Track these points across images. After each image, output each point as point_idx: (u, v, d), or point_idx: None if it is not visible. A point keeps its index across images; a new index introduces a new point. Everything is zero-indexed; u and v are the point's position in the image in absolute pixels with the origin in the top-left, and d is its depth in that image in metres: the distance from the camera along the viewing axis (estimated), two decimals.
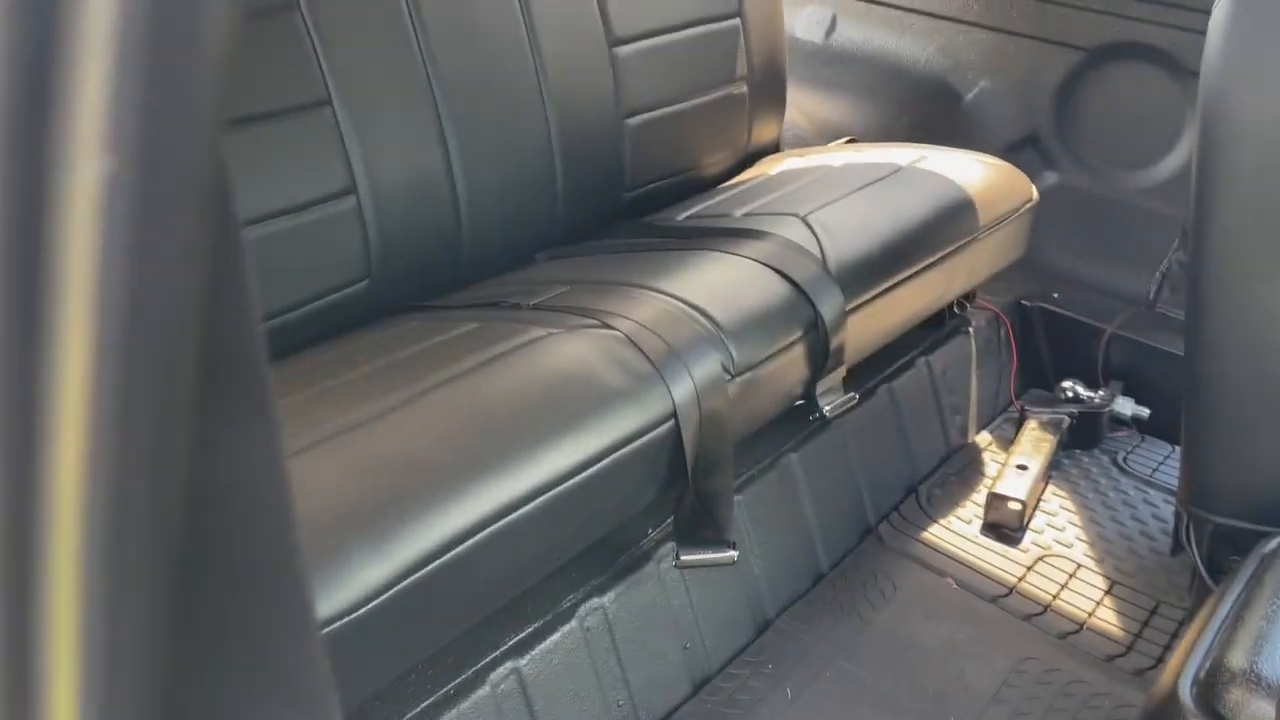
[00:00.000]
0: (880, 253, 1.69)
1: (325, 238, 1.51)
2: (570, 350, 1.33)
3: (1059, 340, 2.34)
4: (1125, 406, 2.20)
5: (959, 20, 2.50)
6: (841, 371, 1.65)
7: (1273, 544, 1.26)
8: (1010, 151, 2.47)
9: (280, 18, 1.45)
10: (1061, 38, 2.33)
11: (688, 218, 1.91)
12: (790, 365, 1.54)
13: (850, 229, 1.71)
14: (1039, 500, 2.02)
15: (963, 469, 2.11)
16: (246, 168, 1.41)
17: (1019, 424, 2.18)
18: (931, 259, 1.78)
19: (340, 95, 1.50)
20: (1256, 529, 1.38)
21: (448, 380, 1.25)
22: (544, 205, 1.82)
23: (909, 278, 1.75)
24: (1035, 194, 2.06)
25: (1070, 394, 2.24)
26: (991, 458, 2.15)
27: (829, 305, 1.57)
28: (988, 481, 2.04)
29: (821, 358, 1.58)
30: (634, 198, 2.00)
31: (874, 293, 1.67)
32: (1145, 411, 2.20)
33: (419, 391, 1.23)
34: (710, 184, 2.16)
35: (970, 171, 1.97)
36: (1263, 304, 1.27)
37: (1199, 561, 1.49)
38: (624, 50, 1.91)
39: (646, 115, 1.97)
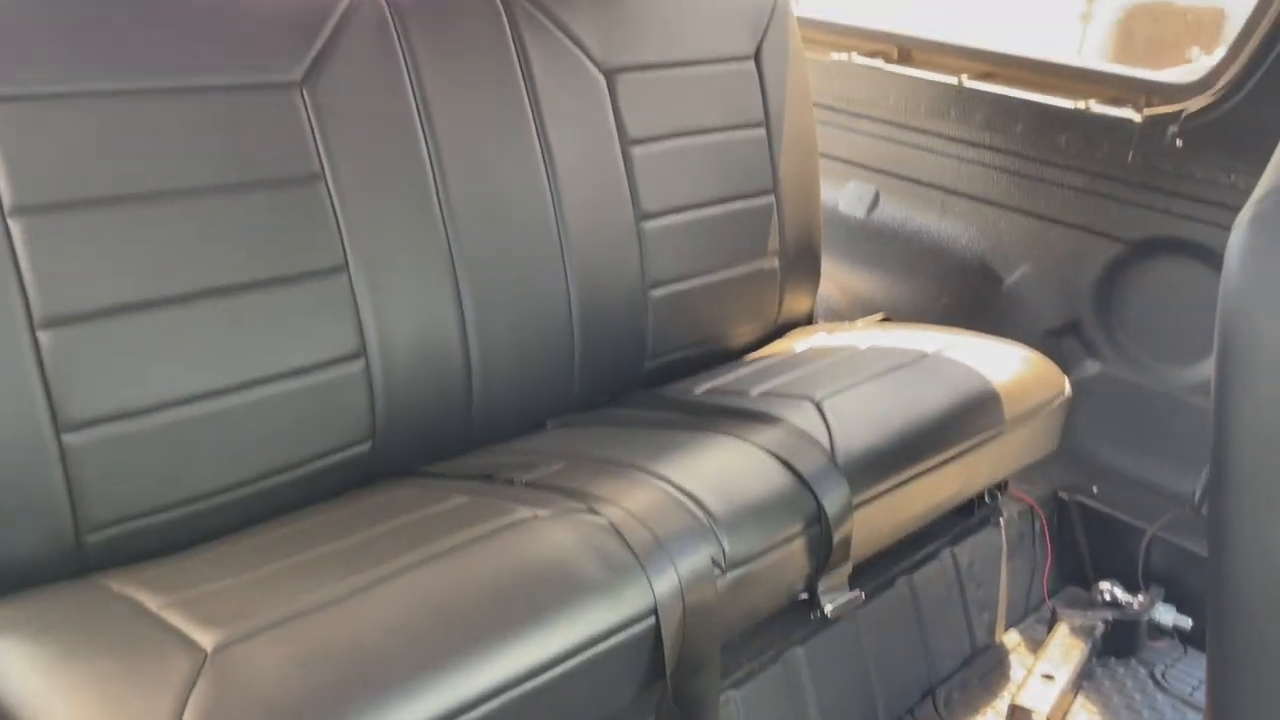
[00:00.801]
0: (893, 445, 1.64)
1: (330, 399, 1.52)
2: (551, 536, 1.29)
3: (1098, 538, 2.23)
4: (1166, 615, 2.07)
5: (1001, 205, 2.49)
6: (847, 568, 1.58)
7: None
8: (1051, 338, 2.42)
9: (307, 187, 1.49)
10: (1103, 228, 2.31)
11: (704, 392, 1.88)
12: (789, 560, 1.48)
13: (863, 418, 1.67)
14: (1066, 714, 1.89)
15: (987, 672, 1.99)
16: (256, 329, 1.43)
17: (1050, 625, 2.06)
18: (950, 453, 1.72)
19: (357, 261, 1.53)
20: None
21: (420, 562, 1.22)
22: (559, 372, 1.82)
23: (925, 471, 1.69)
24: (1068, 388, 2.00)
25: (1108, 597, 2.12)
26: (1019, 661, 2.03)
27: (833, 498, 1.51)
28: (1013, 687, 1.92)
29: (824, 553, 1.51)
30: (655, 367, 1.99)
31: (885, 486, 1.62)
32: (1188, 622, 2.06)
33: (389, 573, 1.20)
34: (737, 354, 2.15)
35: (999, 361, 1.93)
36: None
37: None
38: (651, 224, 1.93)
39: (672, 287, 1.97)
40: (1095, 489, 2.26)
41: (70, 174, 1.29)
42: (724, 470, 1.51)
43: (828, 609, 1.54)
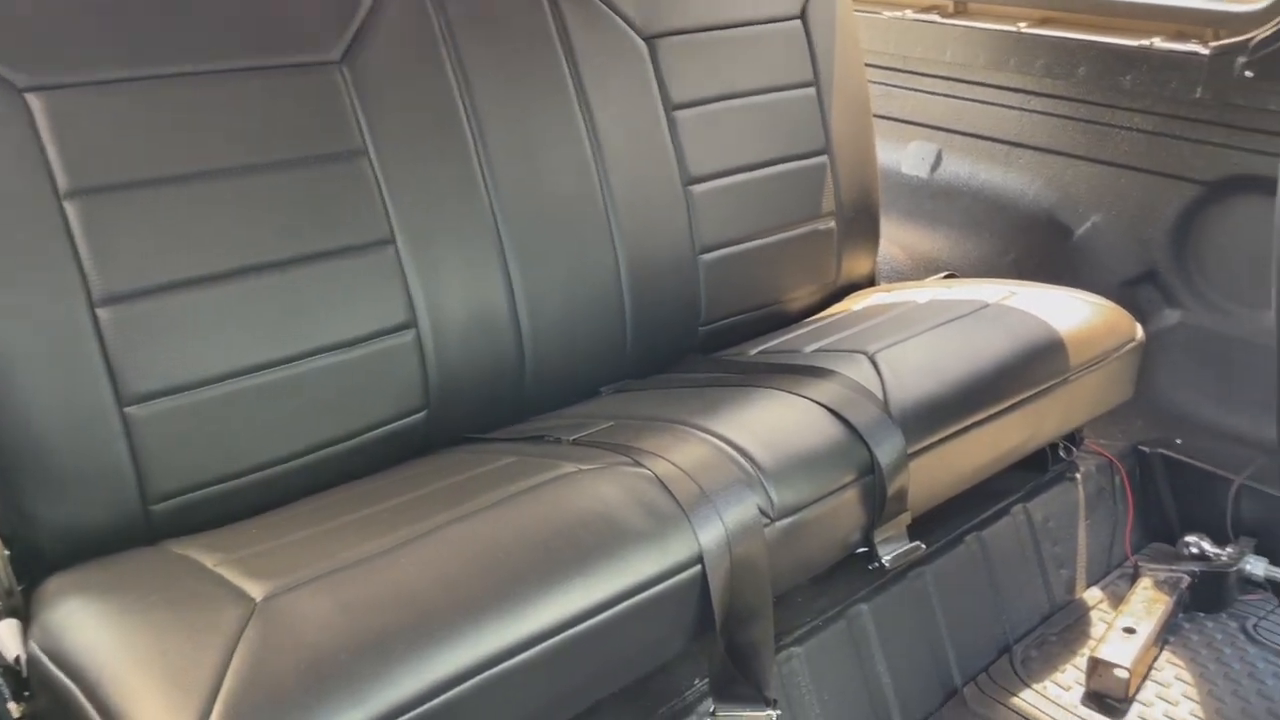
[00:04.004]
0: (949, 394, 1.61)
1: (383, 370, 1.55)
2: (595, 488, 1.30)
3: (1183, 491, 2.15)
4: (1257, 567, 1.98)
5: (1068, 154, 2.41)
6: (905, 518, 1.55)
7: None
8: (1127, 288, 2.34)
9: (349, 163, 1.53)
10: (1175, 171, 2.22)
11: (759, 353, 1.87)
12: (842, 510, 1.46)
13: (918, 368, 1.63)
14: (1150, 668, 1.82)
15: (1065, 629, 1.93)
16: (306, 302, 1.47)
17: (1133, 581, 1.99)
18: (1011, 401, 1.68)
19: (404, 234, 1.56)
20: None
21: (465, 516, 1.24)
22: (611, 340, 1.82)
23: (985, 420, 1.65)
24: (1140, 333, 1.93)
25: (1195, 550, 2.04)
26: (1100, 618, 1.97)
27: (887, 449, 1.49)
28: (1093, 644, 1.86)
29: (879, 503, 1.49)
30: (710, 331, 1.98)
31: (942, 435, 1.58)
32: None
33: (434, 526, 1.22)
34: (796, 318, 2.12)
35: (1064, 309, 1.87)
36: None
37: None
38: (699, 189, 1.92)
39: (723, 251, 1.96)
40: (1178, 441, 2.17)
41: (119, 157, 1.34)
42: (772, 423, 1.49)
43: (886, 560, 1.52)
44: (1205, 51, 2.10)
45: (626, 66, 1.85)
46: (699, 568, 1.27)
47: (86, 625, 1.13)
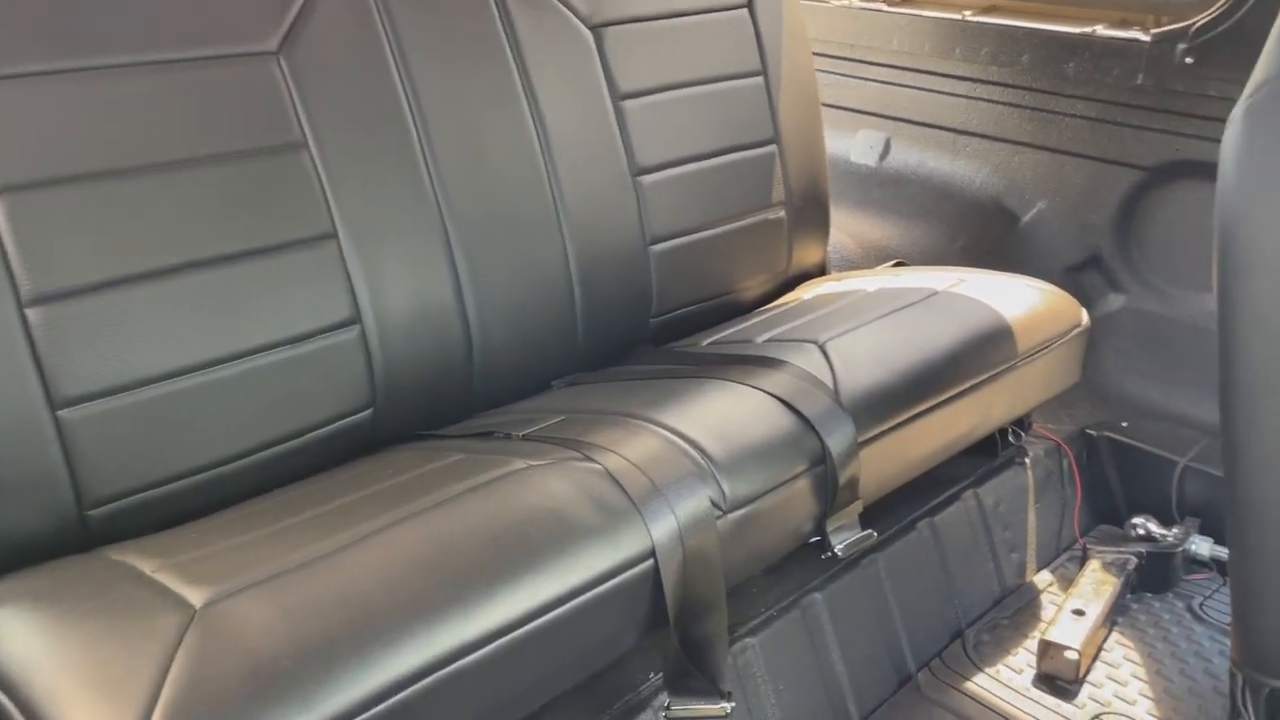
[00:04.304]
0: (899, 382, 1.61)
1: (327, 367, 1.52)
2: (544, 484, 1.28)
3: (1129, 473, 2.18)
4: (1202, 547, 2.01)
5: (1014, 141, 2.44)
6: (857, 507, 1.55)
7: None
8: (1073, 273, 2.37)
9: (289, 156, 1.49)
10: (1118, 157, 2.25)
11: (711, 344, 1.86)
12: (794, 500, 1.46)
13: (868, 357, 1.64)
14: (1099, 649, 1.85)
15: (1017, 612, 1.95)
16: (246, 300, 1.44)
17: (1082, 564, 2.02)
18: (960, 387, 1.69)
19: (346, 228, 1.53)
20: None
21: (411, 515, 1.22)
22: (561, 333, 1.80)
23: (935, 407, 1.65)
24: (1085, 318, 1.95)
25: (1141, 531, 2.07)
26: (1051, 600, 1.99)
27: (838, 438, 1.49)
28: (1044, 627, 1.88)
29: (831, 492, 1.49)
30: (661, 323, 1.97)
31: (892, 423, 1.59)
32: (1225, 552, 2.01)
33: (379, 527, 1.19)
34: (748, 308, 2.12)
35: (1011, 295, 1.88)
36: None
37: None
38: (648, 179, 1.91)
39: (674, 242, 1.95)
40: (1124, 424, 2.20)
41: (50, 152, 1.30)
42: (724, 415, 1.49)
43: (838, 548, 1.52)
44: (1146, 38, 2.12)
45: (572, 56, 1.83)
46: (651, 562, 1.26)
47: (18, 636, 1.09)
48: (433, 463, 1.39)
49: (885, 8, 2.57)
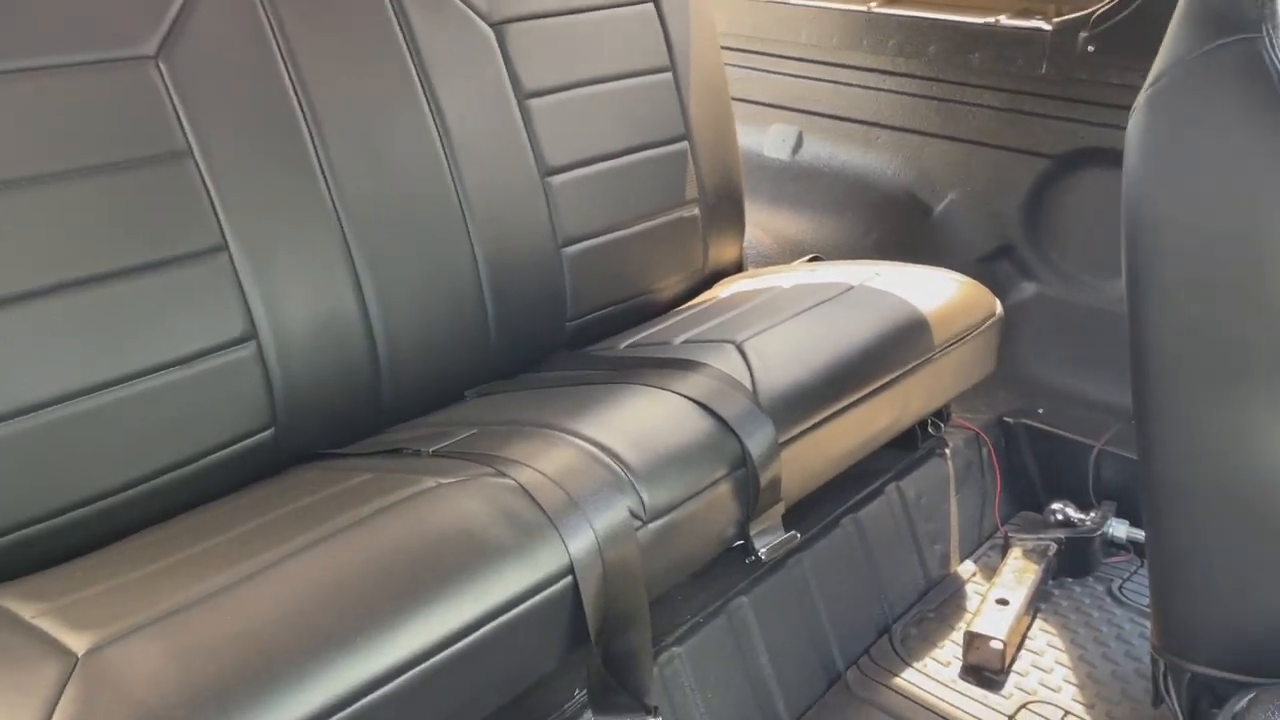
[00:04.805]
0: (817, 380, 1.59)
1: (223, 387, 1.44)
2: (455, 503, 1.23)
3: (1046, 459, 2.20)
4: (1119, 529, 2.04)
5: (924, 132, 2.45)
6: (780, 508, 1.53)
7: (1245, 700, 1.11)
8: (985, 263, 2.39)
9: (172, 166, 1.41)
10: (1025, 146, 2.27)
11: (628, 346, 1.82)
12: (716, 505, 1.42)
13: (786, 356, 1.61)
14: (1024, 638, 1.85)
15: (942, 604, 1.95)
16: (132, 319, 1.35)
17: (1004, 552, 2.03)
18: (879, 383, 1.68)
19: (237, 240, 1.45)
20: (1235, 679, 1.22)
21: (313, 543, 1.15)
22: (473, 340, 1.75)
23: (854, 403, 1.64)
24: (999, 308, 1.95)
25: (1060, 517, 2.09)
26: (975, 590, 2.00)
27: (758, 440, 1.46)
28: (969, 618, 1.88)
29: (752, 495, 1.46)
30: (577, 326, 1.92)
31: (812, 422, 1.57)
32: (1142, 534, 2.03)
33: (279, 557, 1.13)
34: (665, 307, 2.08)
35: (925, 288, 1.88)
36: (1212, 433, 1.15)
37: (1179, 715, 1.33)
38: (558, 179, 1.86)
39: (587, 243, 1.90)
40: (1040, 410, 2.22)
41: None
42: (642, 422, 1.45)
43: (762, 552, 1.49)
44: (1048, 27, 2.14)
45: (473, 54, 1.77)
46: (570, 578, 1.22)
47: None
48: (338, 484, 1.33)
49: (793, 0, 2.56)
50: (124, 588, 1.13)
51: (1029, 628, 1.88)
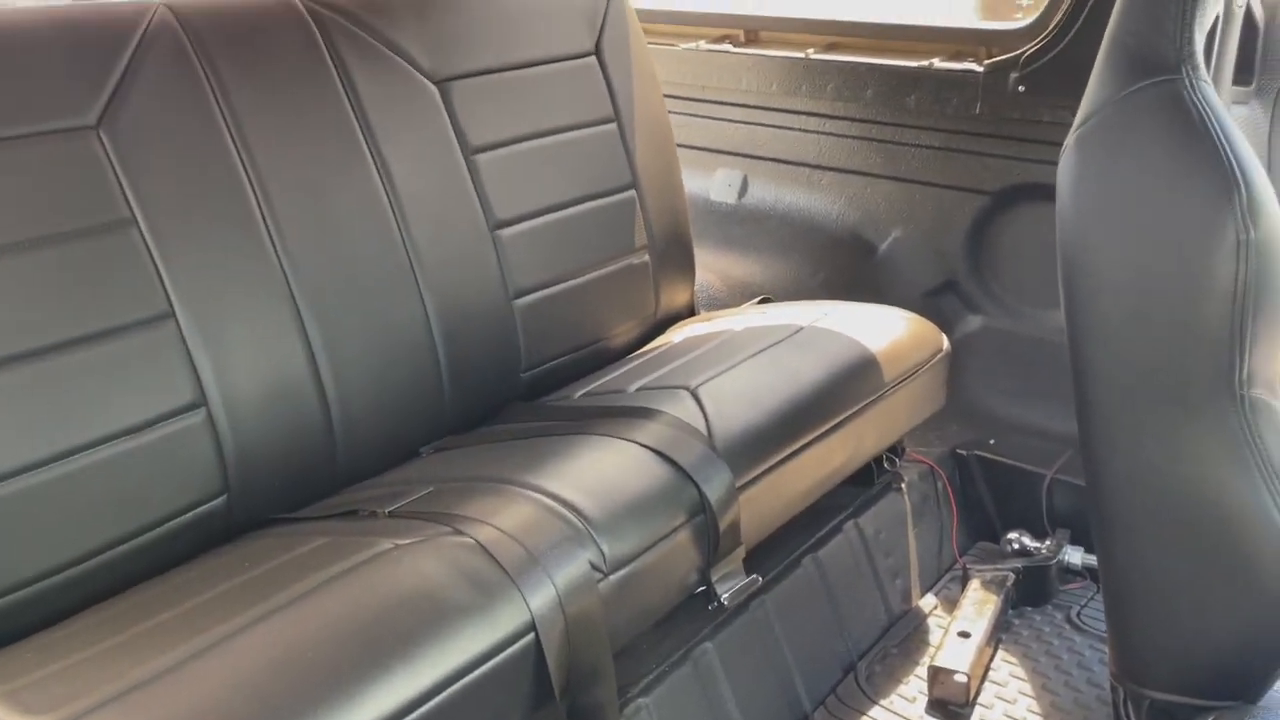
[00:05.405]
0: (772, 422, 1.61)
1: (173, 455, 1.42)
2: (414, 566, 1.22)
3: (1000, 489, 2.23)
4: (1075, 556, 2.07)
5: (866, 173, 2.49)
6: (740, 553, 1.53)
7: None
8: (931, 299, 2.43)
9: (116, 235, 1.40)
10: (964, 184, 2.32)
11: (583, 395, 1.83)
12: (676, 553, 1.43)
13: (740, 400, 1.63)
14: (987, 669, 1.87)
15: (905, 639, 1.96)
16: (77, 390, 1.34)
17: (964, 583, 2.04)
18: (832, 422, 1.70)
19: (184, 306, 1.44)
20: (1192, 703, 1.24)
21: (269, 613, 1.14)
22: (427, 396, 1.74)
23: (809, 444, 1.65)
24: (946, 344, 1.99)
25: (1017, 546, 2.11)
26: (937, 623, 2.01)
27: (715, 485, 1.47)
28: (933, 651, 1.89)
29: (713, 541, 1.47)
30: (532, 377, 1.92)
31: (768, 464, 1.58)
32: (1096, 560, 2.06)
33: (235, 629, 1.11)
34: (618, 354, 2.09)
35: (873, 326, 1.91)
36: (1154, 462, 1.18)
37: None
38: (507, 232, 1.87)
39: (538, 294, 1.91)
40: (992, 441, 2.25)
41: None
42: (599, 472, 1.45)
43: (724, 597, 1.49)
44: (980, 69, 2.20)
45: (418, 112, 1.79)
46: (532, 635, 1.21)
47: None
48: (293, 550, 1.31)
49: (731, 49, 2.61)
50: (76, 667, 1.10)
51: (991, 659, 1.89)
